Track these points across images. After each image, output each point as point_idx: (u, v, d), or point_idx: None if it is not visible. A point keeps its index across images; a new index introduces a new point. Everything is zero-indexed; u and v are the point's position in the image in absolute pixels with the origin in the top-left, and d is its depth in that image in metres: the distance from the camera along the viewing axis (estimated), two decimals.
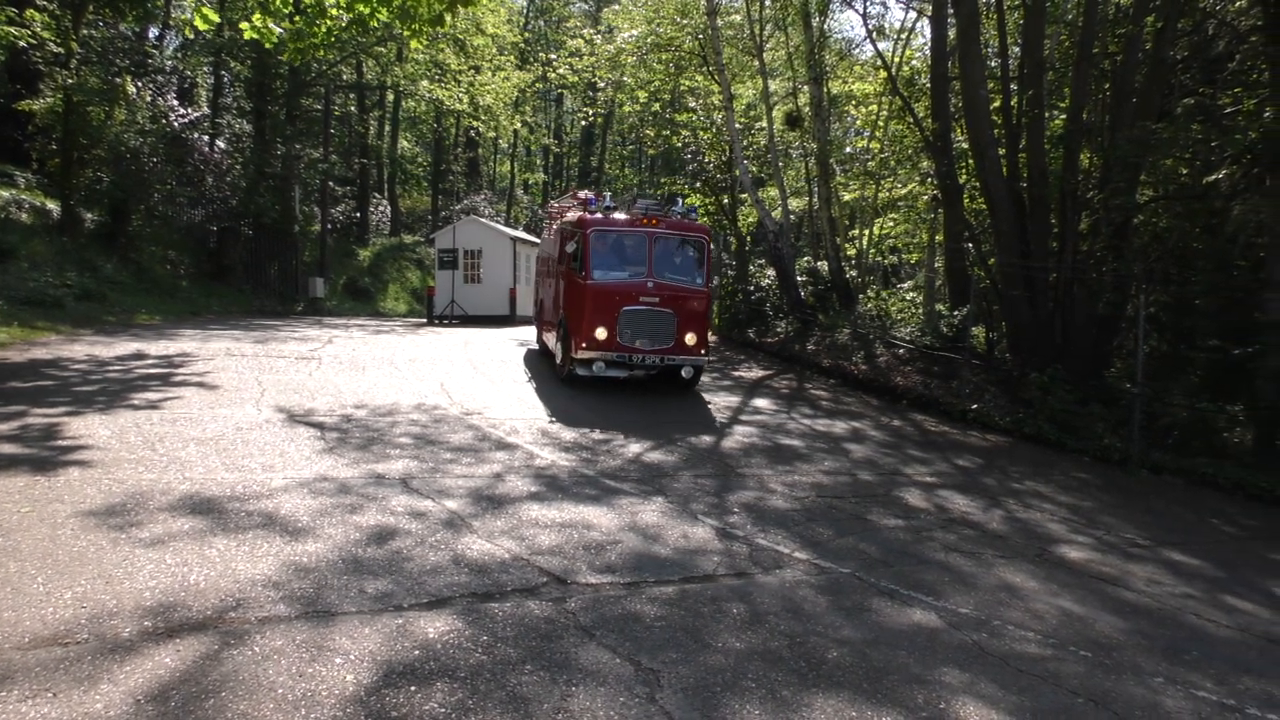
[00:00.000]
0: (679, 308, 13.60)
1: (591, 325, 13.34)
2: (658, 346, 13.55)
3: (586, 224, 13.82)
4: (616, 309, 13.31)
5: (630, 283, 13.55)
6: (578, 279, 13.76)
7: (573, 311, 13.89)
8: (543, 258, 18.50)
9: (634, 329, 13.43)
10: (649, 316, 13.46)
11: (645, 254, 13.76)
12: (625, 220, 13.99)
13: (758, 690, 4.55)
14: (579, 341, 13.45)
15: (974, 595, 6.50)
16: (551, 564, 6.06)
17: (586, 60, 28.32)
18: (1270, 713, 5.08)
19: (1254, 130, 12.77)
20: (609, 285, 13.47)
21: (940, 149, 18.98)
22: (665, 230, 13.98)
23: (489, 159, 60.27)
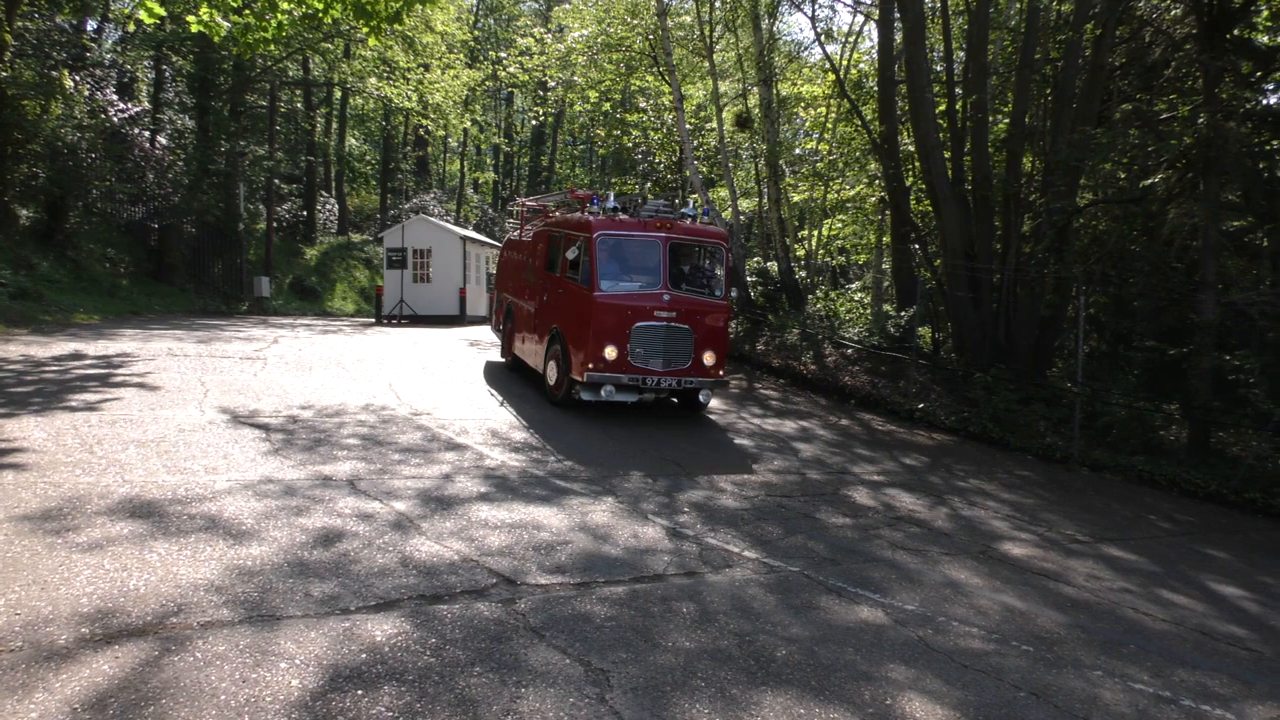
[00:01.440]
0: (697, 323, 11.95)
1: (599, 343, 11.59)
2: (674, 368, 11.86)
3: (592, 227, 11.99)
4: (628, 325, 11.63)
5: (643, 295, 11.84)
6: (581, 290, 11.99)
7: (574, 327, 12.05)
8: (514, 261, 15.98)
9: (648, 348, 11.75)
10: (665, 333, 11.78)
11: (658, 262, 11.97)
12: (635, 223, 12.24)
13: (707, 689, 4.57)
14: (584, 361, 11.65)
15: (920, 592, 6.59)
16: (501, 565, 6.03)
17: (537, 59, 28.21)
18: (1204, 704, 5.22)
19: (1188, 136, 13.12)
20: (619, 298, 11.77)
21: (887, 151, 19.23)
22: (680, 235, 12.27)
23: (438, 157, 59.81)
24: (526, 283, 14.64)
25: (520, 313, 14.91)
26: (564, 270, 12.64)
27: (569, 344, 12.16)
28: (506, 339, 15.96)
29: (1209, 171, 13.23)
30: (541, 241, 14.10)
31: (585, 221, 12.28)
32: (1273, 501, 11.31)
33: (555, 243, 13.41)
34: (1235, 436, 13.51)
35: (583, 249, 12.19)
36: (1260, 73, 14.68)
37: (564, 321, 12.43)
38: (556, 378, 12.49)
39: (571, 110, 39.01)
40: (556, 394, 12.48)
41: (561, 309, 12.63)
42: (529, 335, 14.13)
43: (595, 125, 33.67)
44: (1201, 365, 12.96)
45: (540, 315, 13.52)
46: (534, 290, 14.06)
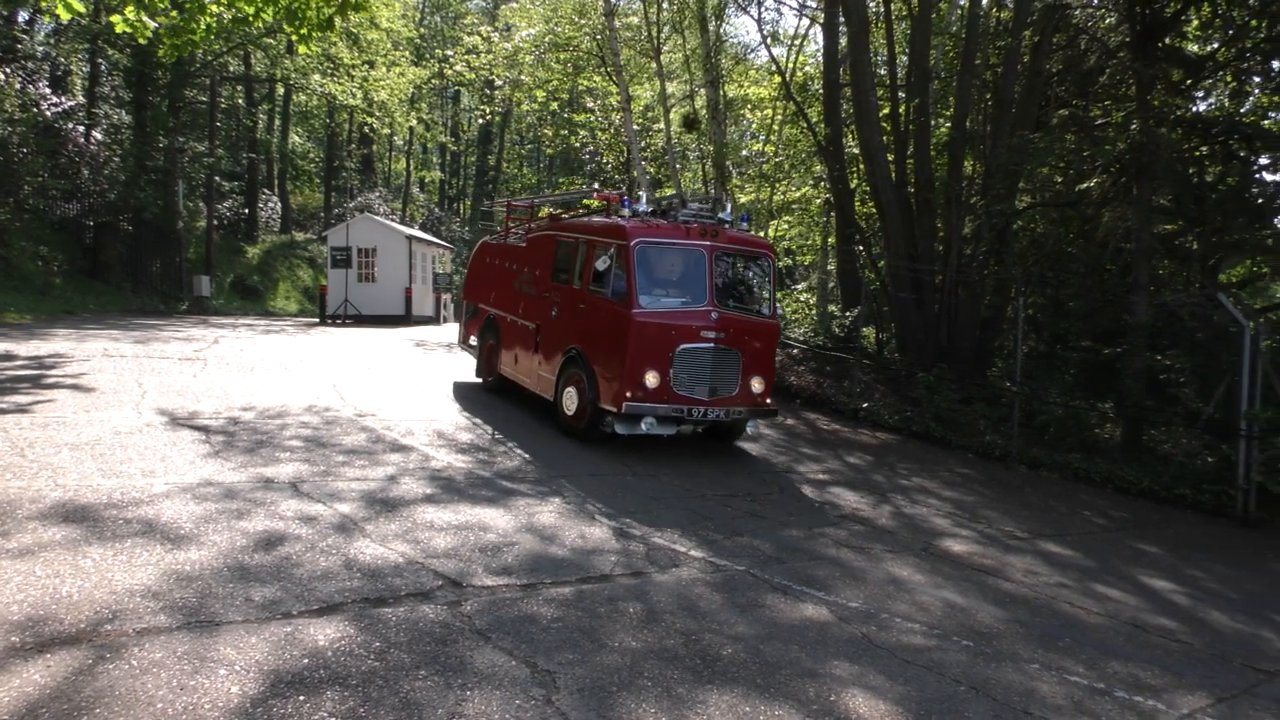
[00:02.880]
0: (745, 345, 10.53)
1: (638, 368, 10.05)
2: (720, 396, 10.40)
3: (628, 234, 10.41)
4: (671, 347, 10.13)
5: (687, 312, 10.35)
6: (612, 305, 10.43)
7: (603, 348, 10.48)
8: (498, 269, 13.92)
9: (692, 373, 10.26)
10: (712, 357, 10.32)
11: (703, 274, 10.47)
12: (675, 230, 10.73)
13: (654, 689, 4.59)
14: (620, 389, 10.07)
15: (863, 589, 6.68)
16: (446, 567, 5.99)
17: (483, 58, 28.05)
18: (1137, 695, 5.37)
19: (1122, 141, 13.47)
20: (661, 316, 10.24)
21: (832, 153, 19.45)
22: (726, 244, 10.79)
23: (384, 156, 59.15)
24: (520, 294, 12.77)
25: (511, 328, 12.99)
26: (586, 282, 10.96)
27: (596, 368, 10.50)
28: (486, 356, 13.95)
29: (1142, 176, 13.59)
30: (545, 248, 12.28)
31: (618, 227, 10.62)
32: (1201, 497, 11.65)
33: (569, 250, 11.65)
34: (1166, 434, 13.89)
35: (615, 259, 10.53)
36: (1190, 81, 15.11)
37: (587, 342, 10.79)
38: (578, 406, 10.78)
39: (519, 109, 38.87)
40: (577, 424, 10.83)
41: (583, 327, 10.94)
42: (528, 354, 12.32)
43: (543, 125, 33.62)
44: (1134, 365, 13.31)
45: (548, 333, 11.70)
46: (535, 304, 12.24)
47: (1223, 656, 6.31)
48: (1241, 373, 11.33)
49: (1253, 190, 14.73)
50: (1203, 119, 15.00)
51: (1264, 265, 15.96)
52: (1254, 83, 15.54)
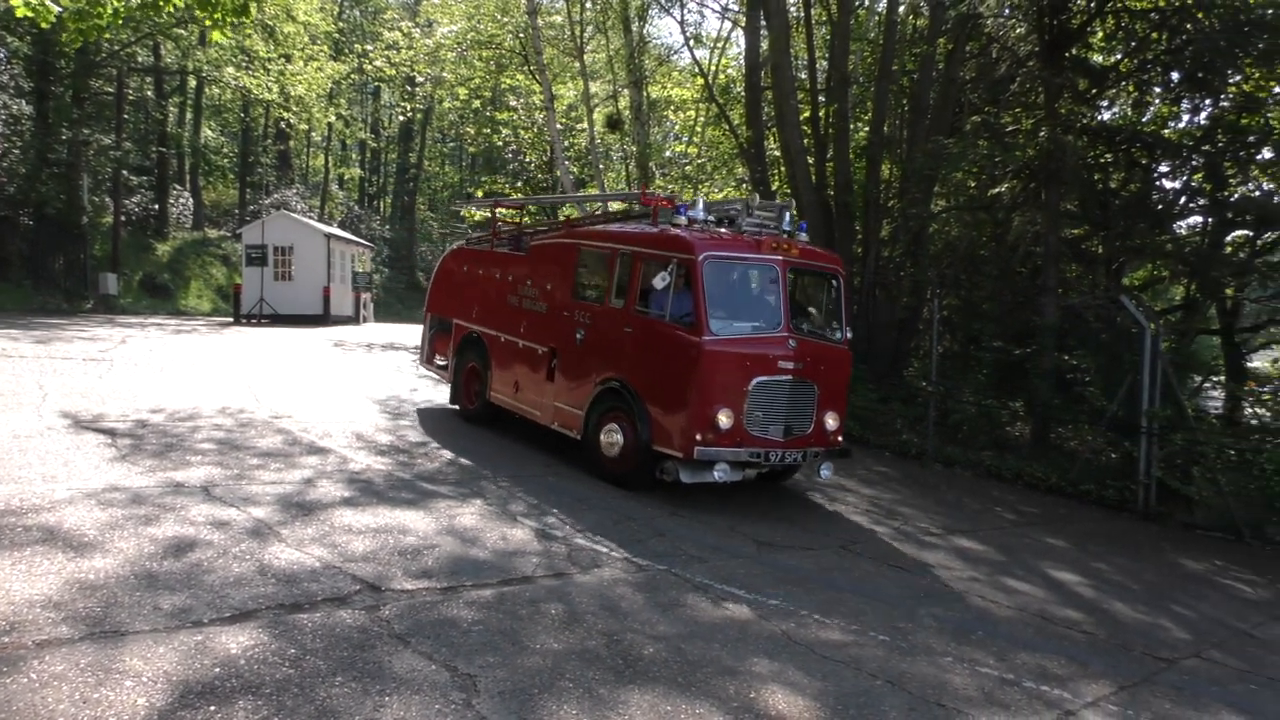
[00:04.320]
0: (820, 376, 9.22)
1: (709, 406, 8.62)
2: (795, 435, 9.10)
3: (694, 246, 8.90)
4: (746, 381, 8.74)
5: (762, 339, 8.99)
6: (672, 331, 8.93)
7: (662, 381, 9.00)
8: (483, 280, 12.08)
9: (768, 411, 8.90)
10: (789, 391, 8.98)
11: (777, 295, 9.12)
12: (744, 242, 9.39)
13: (575, 690, 4.58)
14: (688, 431, 8.64)
15: (783, 586, 6.77)
16: (365, 571, 5.89)
17: (404, 54, 27.68)
18: (1043, 684, 5.54)
19: (1031, 148, 13.89)
20: (735, 344, 8.83)
21: (754, 156, 19.66)
22: (800, 260, 9.52)
23: (301, 152, 57.86)
24: (521, 311, 11.07)
25: (506, 350, 11.27)
26: (632, 302, 9.39)
27: (650, 404, 9.01)
28: (465, 380, 12.17)
29: (1050, 182, 14.05)
30: (561, 259, 10.61)
31: (680, 239, 9.09)
32: (1105, 493, 12.08)
33: (602, 262, 10.04)
34: (1073, 432, 14.38)
35: (678, 275, 8.99)
36: (1095, 90, 15.67)
37: (636, 372, 9.25)
38: (624, 448, 9.24)
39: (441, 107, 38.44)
40: (620, 469, 9.30)
41: (628, 354, 9.38)
42: (536, 382, 10.65)
43: (465, 123, 33.27)
44: (1043, 365, 13.74)
45: (571, 359, 10.09)
46: (545, 323, 10.59)
47: (1125, 646, 6.56)
48: (1143, 372, 11.79)
49: (1153, 197, 15.34)
50: (1107, 127, 15.56)
51: (1163, 269, 16.62)
52: (1154, 93, 16.18)
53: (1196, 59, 12.96)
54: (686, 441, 8.65)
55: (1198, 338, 16.28)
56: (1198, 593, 8.54)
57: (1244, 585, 9.05)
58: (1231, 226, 15.67)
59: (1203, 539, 11.05)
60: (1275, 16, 12.18)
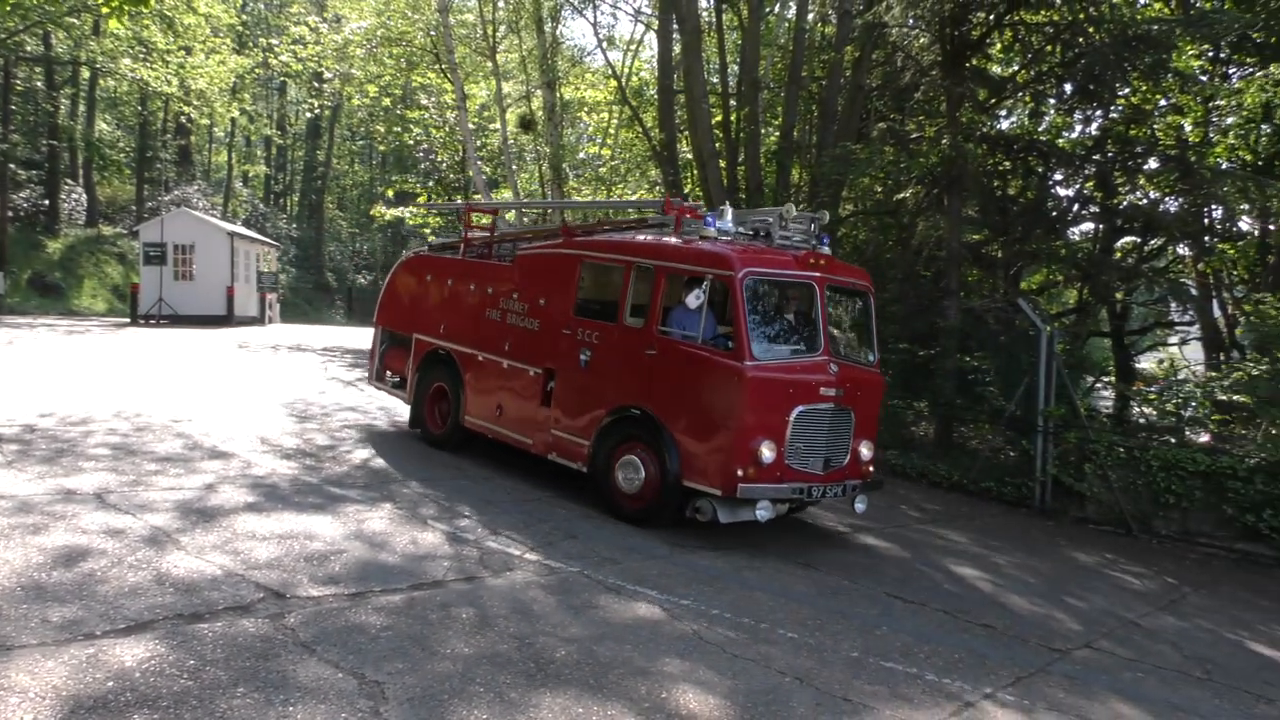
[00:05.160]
0: (857, 402, 8.62)
1: (751, 438, 7.87)
2: (833, 468, 8.47)
3: (734, 262, 8.11)
4: (788, 410, 8.03)
5: (803, 365, 8.34)
6: (711, 356, 8.11)
7: (694, 410, 8.18)
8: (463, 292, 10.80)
9: (809, 442, 8.22)
10: (830, 420, 8.33)
11: (816, 315, 8.45)
12: (785, 259, 8.58)
13: (486, 694, 4.55)
14: (728, 466, 7.86)
15: (694, 587, 6.83)
16: (269, 578, 5.74)
17: (311, 49, 27.09)
18: (946, 678, 5.70)
19: (934, 155, 14.28)
20: (777, 370, 8.16)
21: (667, 158, 19.79)
22: (836, 277, 8.85)
23: (203, 147, 56.12)
24: (504, 327, 10.04)
25: (486, 370, 10.23)
26: (654, 321, 8.51)
27: (680, 435, 8.18)
28: (430, 402, 11.03)
29: (952, 188, 14.47)
30: (560, 271, 9.56)
31: (715, 253, 8.30)
32: (1004, 490, 12.50)
33: (613, 276, 9.15)
34: (974, 431, 14.83)
35: (714, 294, 8.38)
36: (994, 100, 16.21)
37: (662, 399, 8.37)
38: (644, 483, 8.38)
39: (350, 104, 37.70)
40: (637, 506, 8.46)
41: (651, 379, 8.46)
42: (526, 406, 9.67)
43: (375, 120, 32.70)
44: (946, 366, 14.14)
45: (575, 383, 9.16)
46: (538, 341, 9.62)
47: (1021, 638, 6.79)
48: (1039, 373, 12.24)
49: (1048, 204, 15.95)
50: (1005, 136, 16.09)
51: (1058, 273, 17.27)
52: (1050, 104, 16.81)
53: (1088, 72, 13.50)
54: (727, 478, 7.84)
55: (1090, 340, 16.96)
56: (1089, 585, 8.90)
57: (1132, 577, 9.46)
58: (1120, 233, 16.36)
59: (1094, 533, 11.52)
60: (1160, 33, 12.77)
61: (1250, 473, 10.60)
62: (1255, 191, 13.28)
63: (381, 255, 58.55)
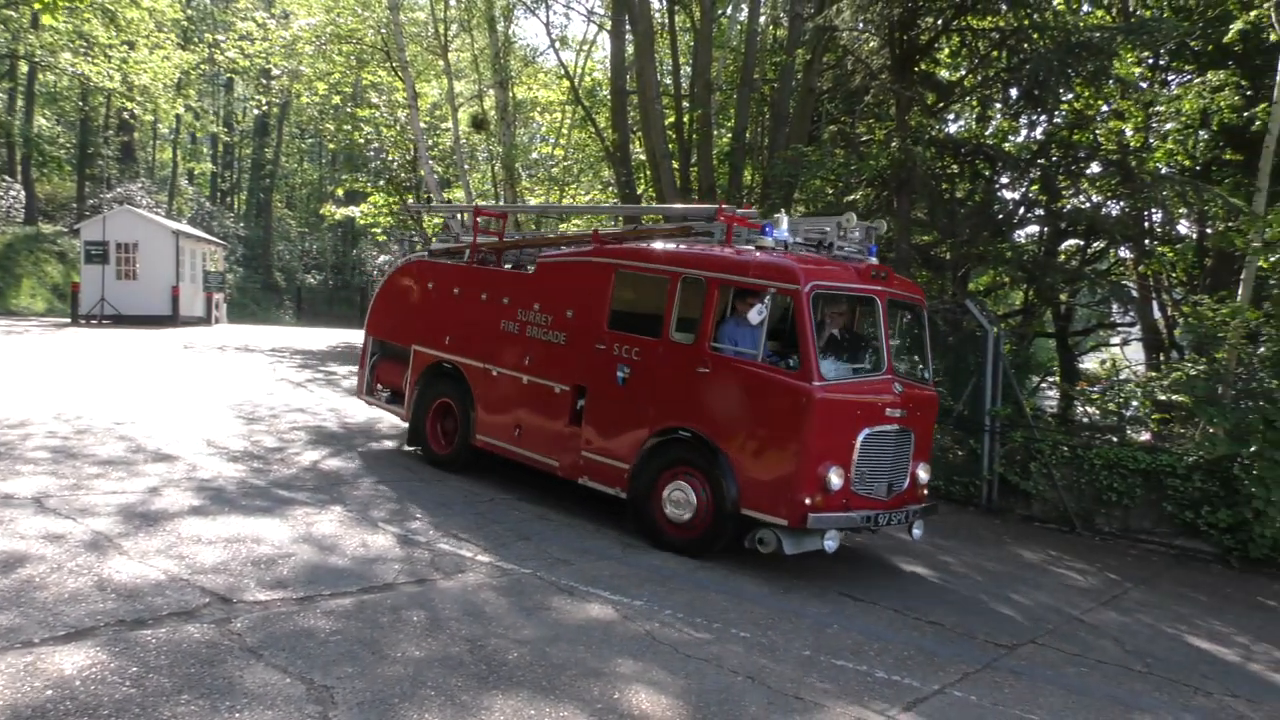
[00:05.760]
0: (916, 423, 8.25)
1: (819, 464, 7.41)
2: (894, 493, 8.08)
3: (803, 276, 7.57)
4: (855, 433, 7.62)
5: (868, 385, 8.01)
6: (772, 376, 7.65)
7: (754, 433, 7.69)
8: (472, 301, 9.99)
9: (874, 467, 7.82)
10: (894, 443, 7.97)
11: (878, 332, 8.11)
12: (847, 271, 8.17)
13: (437, 697, 4.51)
14: (794, 494, 7.37)
15: (647, 587, 6.83)
16: (215, 583, 5.64)
17: (259, 45, 26.65)
18: (895, 674, 5.77)
19: (884, 157, 14.44)
20: (844, 391, 7.77)
21: (620, 159, 19.79)
22: (896, 290, 8.43)
23: (147, 144, 54.93)
24: (524, 340, 9.34)
25: (501, 385, 9.51)
26: (706, 337, 7.95)
27: (738, 461, 7.65)
28: (433, 419, 10.27)
29: (901, 190, 14.64)
30: (591, 281, 8.90)
31: (779, 265, 7.77)
32: (953, 488, 12.67)
33: (655, 288, 8.47)
34: None
35: (778, 309, 7.92)
36: (942, 104, 16.44)
37: (717, 421, 7.83)
38: (698, 511, 7.81)
39: (298, 101, 37.14)
40: (688, 536, 7.90)
41: (705, 400, 7.93)
42: (551, 425, 9.00)
43: (324, 119, 32.27)
44: None
45: (611, 402, 8.53)
46: (566, 357, 8.94)
47: (970, 634, 6.90)
48: (986, 373, 12.43)
49: (995, 207, 16.20)
50: (953, 139, 16.33)
51: (1004, 275, 17.56)
52: (996, 108, 17.10)
53: (1033, 77, 13.72)
54: (794, 507, 7.35)
55: (1035, 340, 17.26)
56: (1035, 581, 9.06)
57: (1075, 574, 9.65)
58: (1065, 236, 16.67)
59: (1040, 530, 11.72)
60: (1101, 40, 13.03)
61: (1188, 471, 10.86)
62: (1193, 196, 13.61)
63: (331, 255, 57.87)
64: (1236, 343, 11.64)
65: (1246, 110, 14.69)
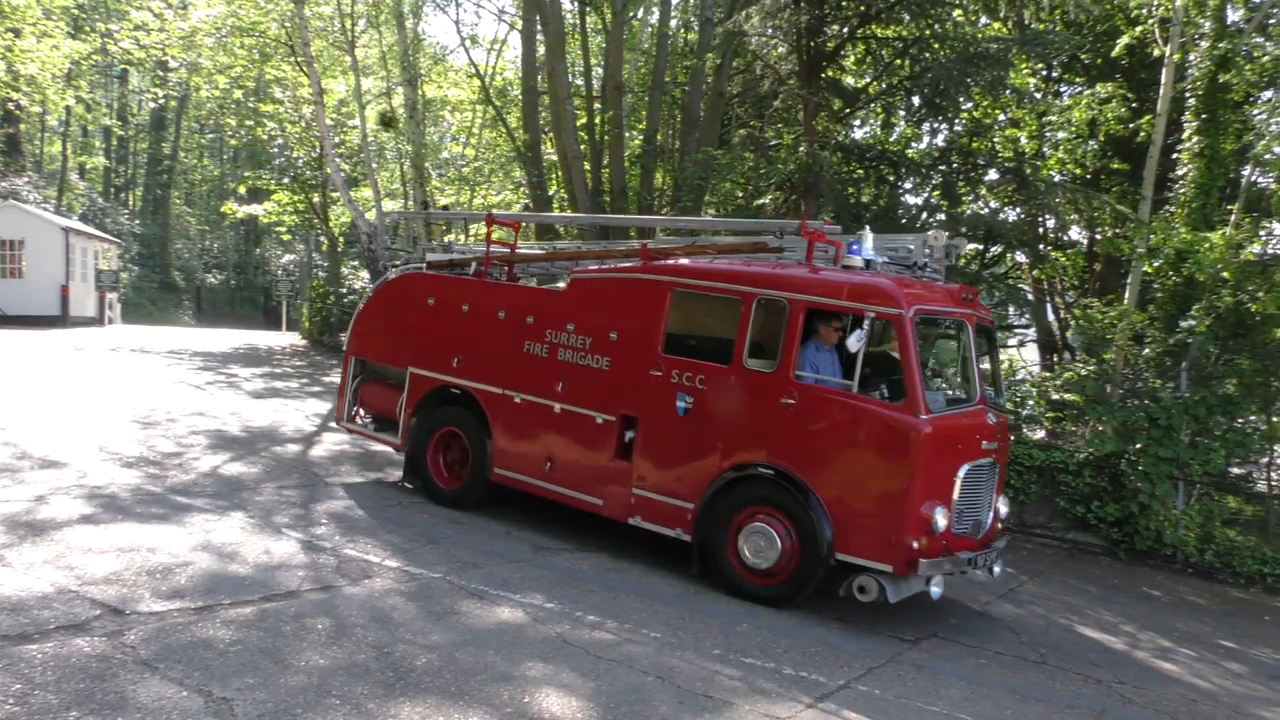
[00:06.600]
0: (1001, 455, 7.87)
1: (924, 503, 6.83)
2: (985, 530, 7.61)
3: (904, 299, 6.99)
4: (955, 468, 7.09)
5: (966, 415, 7.47)
6: (870, 408, 6.99)
7: (859, 472, 7.00)
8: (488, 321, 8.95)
9: (971, 504, 7.33)
10: (986, 477, 7.54)
11: (969, 358, 7.67)
12: (942, 294, 7.67)
13: (342, 706, 4.42)
14: (899, 537, 6.77)
15: (559, 589, 6.81)
16: (106, 594, 5.43)
17: (155, 36, 25.71)
18: (803, 670, 5.87)
19: (792, 162, 14.70)
20: (947, 423, 7.16)
21: (531, 159, 19.70)
22: (982, 313, 8.02)
23: (35, 137, 52.50)
24: (554, 363, 8.40)
25: (531, 414, 8.55)
26: (790, 364, 7.20)
27: (831, 500, 6.98)
28: (434, 450, 9.22)
29: (808, 194, 14.92)
30: (645, 299, 8.02)
31: (877, 287, 7.09)
32: None
33: (727, 310, 7.64)
34: None
35: (876, 335, 7.29)
36: (849, 110, 16.83)
37: (805, 457, 7.14)
38: (778, 557, 7.14)
39: (198, 95, 35.96)
40: (768, 583, 7.23)
41: (790, 433, 7.20)
42: (596, 461, 8.12)
43: (225, 113, 31.30)
44: None
45: (672, 434, 7.75)
46: (610, 383, 8.07)
47: (873, 629, 7.05)
48: None
49: (899, 211, 16.62)
50: (859, 145, 16.73)
51: None
52: (900, 115, 17.57)
53: (934, 85, 14.15)
54: (900, 551, 6.76)
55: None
56: None
57: None
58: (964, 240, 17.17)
59: None
60: (998, 51, 13.51)
61: (1080, 467, 11.30)
62: (1083, 203, 14.21)
63: (234, 254, 56.24)
64: (1123, 344, 12.19)
65: (1132, 122, 15.40)
